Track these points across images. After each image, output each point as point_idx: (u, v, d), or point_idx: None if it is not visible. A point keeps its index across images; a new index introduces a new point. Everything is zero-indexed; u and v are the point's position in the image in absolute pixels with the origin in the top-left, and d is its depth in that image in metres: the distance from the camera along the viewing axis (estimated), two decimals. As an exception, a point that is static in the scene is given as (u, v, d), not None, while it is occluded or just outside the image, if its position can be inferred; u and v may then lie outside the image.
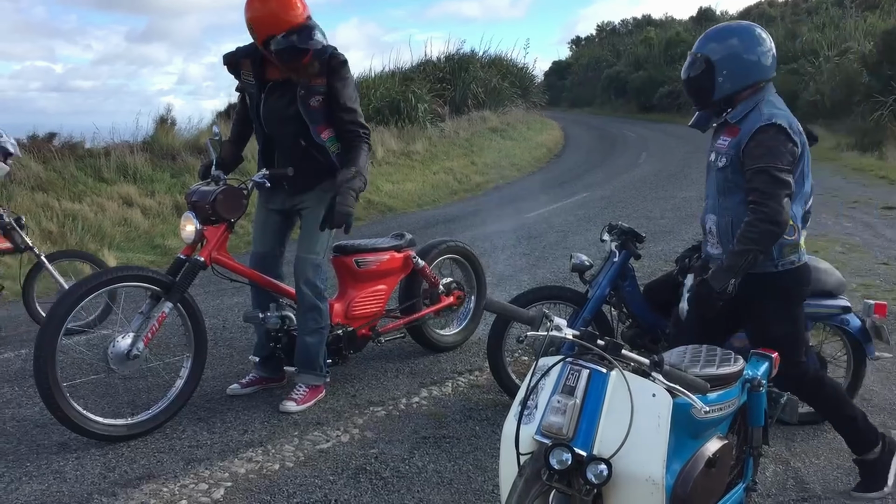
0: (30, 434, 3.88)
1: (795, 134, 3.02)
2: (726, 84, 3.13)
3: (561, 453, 2.02)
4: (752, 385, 2.67)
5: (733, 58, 3.13)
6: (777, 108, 3.09)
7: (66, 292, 3.65)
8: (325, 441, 3.82)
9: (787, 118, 3.05)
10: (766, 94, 3.16)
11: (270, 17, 3.81)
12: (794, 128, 3.04)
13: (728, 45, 3.15)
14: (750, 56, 3.13)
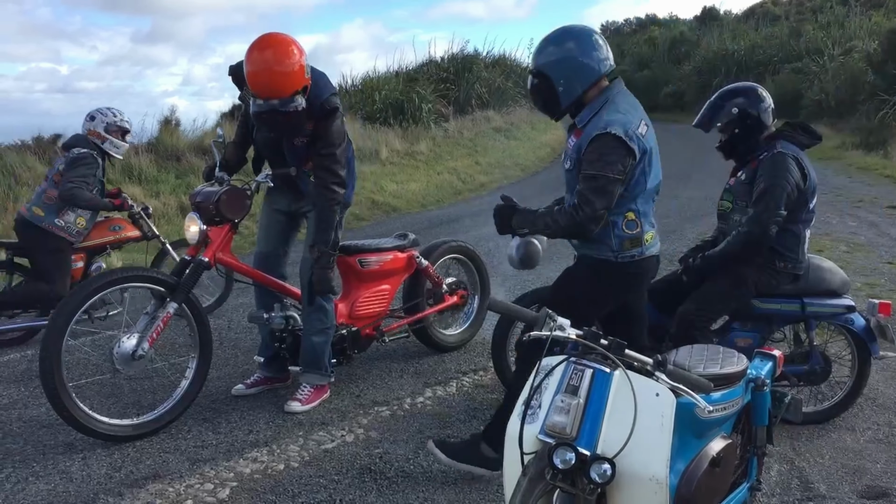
0: (36, 434, 3.90)
1: (632, 140, 3.04)
2: (567, 90, 3.17)
3: (565, 453, 2.03)
4: (756, 384, 2.67)
5: (569, 61, 3.15)
6: (618, 113, 3.10)
7: (72, 294, 3.66)
8: (330, 441, 3.83)
9: (625, 124, 3.05)
10: (611, 94, 3.18)
11: (265, 75, 3.70)
12: (631, 133, 3.05)
13: (564, 49, 3.18)
14: (585, 59, 3.15)
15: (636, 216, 3.17)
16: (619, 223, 3.16)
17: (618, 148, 3.02)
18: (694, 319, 3.77)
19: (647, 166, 3.14)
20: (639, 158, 3.08)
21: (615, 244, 3.18)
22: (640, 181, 3.14)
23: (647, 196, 3.21)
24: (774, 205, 3.68)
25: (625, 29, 51.45)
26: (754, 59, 29.81)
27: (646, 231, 3.22)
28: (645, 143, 3.10)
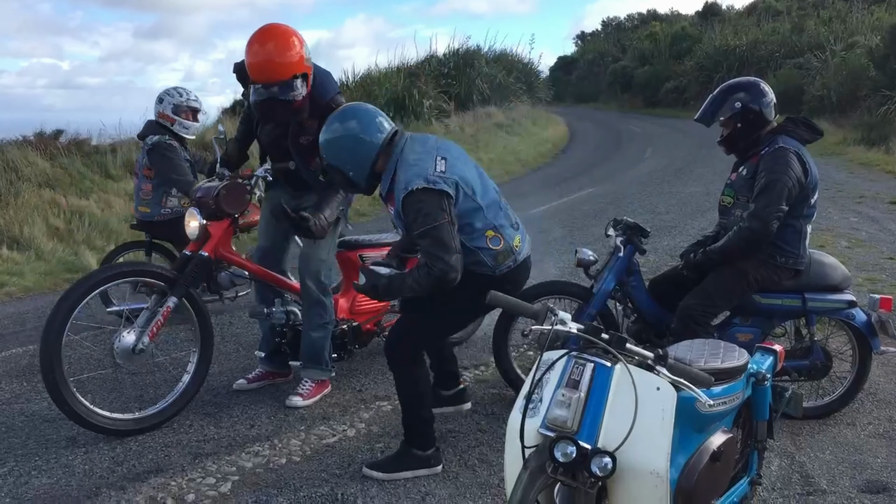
0: (38, 429, 3.91)
1: (437, 183, 3.11)
2: (358, 172, 3.28)
3: (565, 446, 2.03)
4: (756, 379, 2.68)
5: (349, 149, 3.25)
6: (411, 167, 3.17)
7: (71, 288, 3.66)
8: (332, 436, 3.84)
9: (421, 174, 3.13)
10: (397, 152, 3.26)
11: (265, 64, 3.70)
12: (431, 177, 3.12)
13: (342, 139, 3.25)
14: (363, 135, 3.23)
15: (495, 231, 3.29)
16: (484, 243, 3.27)
17: (428, 198, 3.10)
18: (695, 314, 3.77)
19: (468, 192, 3.21)
20: (455, 192, 3.17)
21: (490, 262, 3.29)
22: (471, 205, 3.23)
23: (491, 209, 3.30)
24: (776, 200, 3.68)
25: (626, 24, 51.42)
26: (756, 54, 29.78)
27: (510, 238, 3.34)
28: (450, 177, 3.17)
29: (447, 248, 3.08)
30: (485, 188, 3.32)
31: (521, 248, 3.38)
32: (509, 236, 3.33)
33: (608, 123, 29.37)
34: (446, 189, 3.12)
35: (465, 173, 3.25)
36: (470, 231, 3.22)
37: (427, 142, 3.33)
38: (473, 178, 3.29)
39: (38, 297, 7.05)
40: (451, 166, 3.21)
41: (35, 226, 8.59)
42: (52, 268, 7.84)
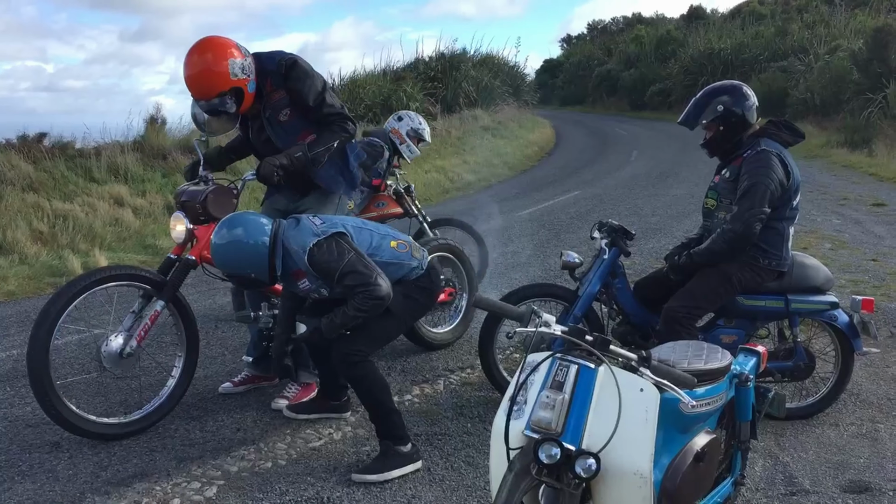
0: (22, 434, 3.88)
1: (326, 231, 3.43)
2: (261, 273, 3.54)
3: (550, 448, 2.04)
4: (739, 380, 2.69)
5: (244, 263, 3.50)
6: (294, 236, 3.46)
7: (58, 293, 3.64)
8: (318, 439, 3.84)
9: (307, 231, 3.43)
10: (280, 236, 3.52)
11: (201, 79, 3.77)
12: (317, 231, 3.43)
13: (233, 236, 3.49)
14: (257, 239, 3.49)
15: (393, 239, 3.63)
16: (396, 252, 3.59)
17: (327, 247, 3.36)
18: (679, 316, 3.80)
19: (353, 225, 3.57)
20: (346, 230, 3.47)
21: (413, 262, 3.63)
22: (364, 233, 3.55)
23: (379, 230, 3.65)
24: (758, 202, 3.71)
25: (612, 27, 51.62)
26: (741, 57, 29.99)
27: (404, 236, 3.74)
28: (330, 221, 3.50)
29: (367, 273, 3.34)
30: (360, 222, 3.66)
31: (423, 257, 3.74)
32: (405, 237, 3.74)
33: (594, 126, 29.48)
34: (336, 230, 3.42)
35: (337, 217, 3.63)
36: (380, 250, 3.53)
37: (296, 218, 3.54)
38: (346, 218, 3.67)
39: (21, 301, 7.00)
40: (325, 217, 3.54)
41: (18, 230, 8.53)
42: (36, 272, 7.79)
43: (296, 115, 3.98)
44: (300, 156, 3.87)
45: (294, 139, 3.97)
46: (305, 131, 3.99)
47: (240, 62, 3.79)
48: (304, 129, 3.99)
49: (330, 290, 3.47)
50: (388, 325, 3.59)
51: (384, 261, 3.50)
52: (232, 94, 3.80)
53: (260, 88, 3.91)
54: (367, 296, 3.31)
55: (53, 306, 3.54)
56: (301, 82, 3.90)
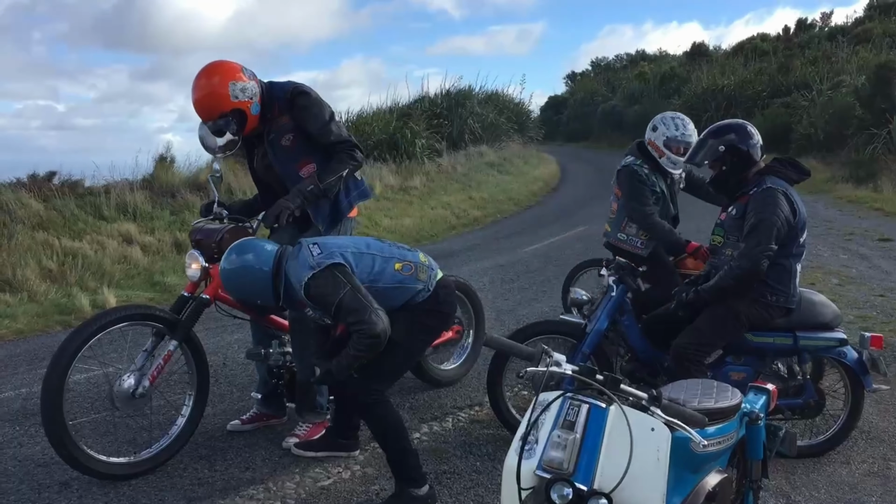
0: (31, 473, 3.88)
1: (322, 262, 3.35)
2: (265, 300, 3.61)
3: (562, 488, 2.04)
4: (750, 418, 2.69)
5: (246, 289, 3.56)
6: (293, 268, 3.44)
7: (73, 333, 3.65)
8: (327, 478, 3.83)
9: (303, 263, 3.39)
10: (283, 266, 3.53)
11: (203, 100, 3.92)
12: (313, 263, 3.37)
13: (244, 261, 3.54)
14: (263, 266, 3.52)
15: (398, 260, 3.54)
16: (400, 276, 3.51)
17: (322, 280, 3.32)
18: (688, 353, 3.80)
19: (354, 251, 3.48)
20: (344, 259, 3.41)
21: (418, 285, 3.55)
22: (366, 258, 3.49)
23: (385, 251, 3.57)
24: (765, 239, 3.73)
25: (615, 64, 52.06)
26: (744, 93, 30.15)
27: (413, 256, 3.61)
28: (329, 251, 3.41)
29: (360, 309, 3.28)
30: (364, 244, 3.57)
31: (428, 263, 3.66)
32: (412, 256, 3.61)
33: (599, 162, 29.55)
34: (333, 261, 3.36)
35: (339, 242, 3.53)
36: (382, 275, 3.47)
37: (299, 244, 3.52)
38: (348, 242, 3.57)
39: (30, 339, 7.01)
40: (324, 245, 3.45)
41: (28, 267, 8.57)
42: (45, 309, 7.81)
43: (298, 142, 4.04)
44: (312, 189, 3.92)
45: (294, 167, 4.04)
46: (305, 159, 4.05)
47: (241, 85, 3.91)
48: (304, 156, 4.05)
49: (332, 320, 3.48)
50: (397, 357, 3.54)
51: (387, 286, 3.46)
52: (234, 115, 3.91)
53: (266, 113, 4.01)
54: (362, 335, 3.27)
55: (69, 346, 3.56)
56: (306, 110, 3.99)
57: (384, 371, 3.52)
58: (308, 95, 4.02)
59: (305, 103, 4.00)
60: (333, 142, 4.01)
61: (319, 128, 3.99)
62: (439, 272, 3.70)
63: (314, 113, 3.99)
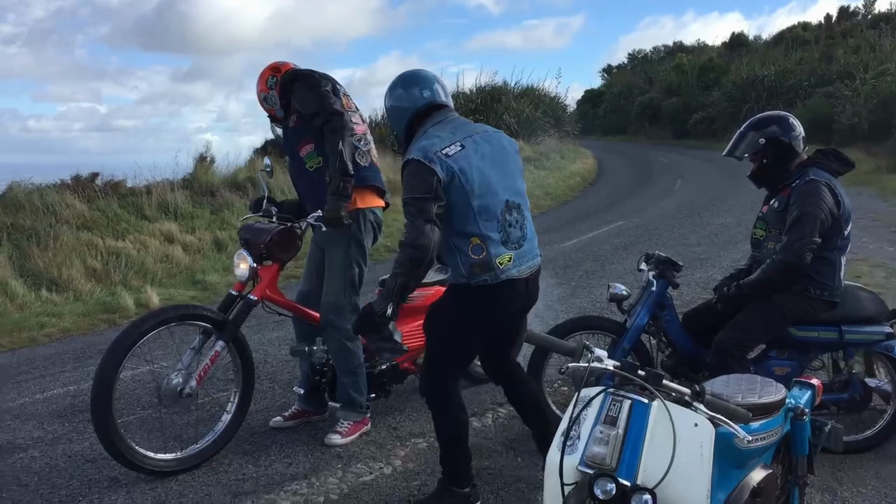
0: (81, 469, 3.97)
1: (433, 161, 3.13)
2: (397, 131, 3.50)
3: (605, 483, 2.04)
4: (795, 414, 2.66)
5: (391, 110, 3.47)
6: (425, 140, 3.24)
7: (125, 331, 3.72)
8: (368, 473, 3.86)
9: (425, 148, 3.18)
10: (429, 125, 3.34)
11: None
12: (432, 154, 3.15)
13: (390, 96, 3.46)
14: (396, 102, 3.42)
15: (480, 240, 3.18)
16: (465, 248, 3.19)
17: (417, 171, 3.14)
18: (731, 348, 3.76)
19: (464, 186, 3.16)
20: (447, 178, 3.14)
21: (465, 270, 3.21)
22: (462, 202, 3.17)
23: (486, 218, 3.20)
24: (808, 232, 3.68)
25: (652, 57, 51.55)
26: (785, 84, 29.71)
27: (496, 255, 3.19)
28: (452, 163, 3.15)
29: (418, 215, 3.09)
30: (489, 193, 3.21)
31: (506, 267, 3.21)
32: (495, 251, 3.19)
33: (636, 155, 29.36)
34: (436, 170, 3.12)
35: (473, 167, 3.19)
36: (454, 228, 3.20)
37: (463, 128, 3.31)
38: (481, 178, 3.20)
39: (76, 338, 7.18)
40: (462, 156, 3.18)
41: (73, 267, 8.77)
42: (90, 308, 7.99)
43: (301, 122, 4.15)
44: (334, 182, 3.92)
45: (295, 147, 4.19)
46: (305, 139, 4.14)
47: (262, 95, 4.24)
48: (304, 136, 4.14)
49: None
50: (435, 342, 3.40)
51: (455, 230, 3.20)
52: (271, 118, 4.33)
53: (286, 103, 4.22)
54: (405, 242, 3.11)
55: (121, 344, 3.62)
56: (296, 93, 4.13)
57: (433, 360, 3.42)
58: (298, 80, 4.13)
59: (296, 87, 4.13)
60: (320, 112, 4.00)
61: (312, 107, 4.04)
62: (500, 278, 3.23)
63: (302, 96, 4.09)
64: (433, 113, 3.36)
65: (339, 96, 4.10)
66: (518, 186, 3.37)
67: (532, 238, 3.37)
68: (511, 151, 3.43)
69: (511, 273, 3.22)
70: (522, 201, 3.36)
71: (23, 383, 5.61)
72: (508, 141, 3.47)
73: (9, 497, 3.68)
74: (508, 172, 3.33)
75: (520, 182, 3.40)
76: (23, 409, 5.00)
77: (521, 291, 3.31)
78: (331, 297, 4.13)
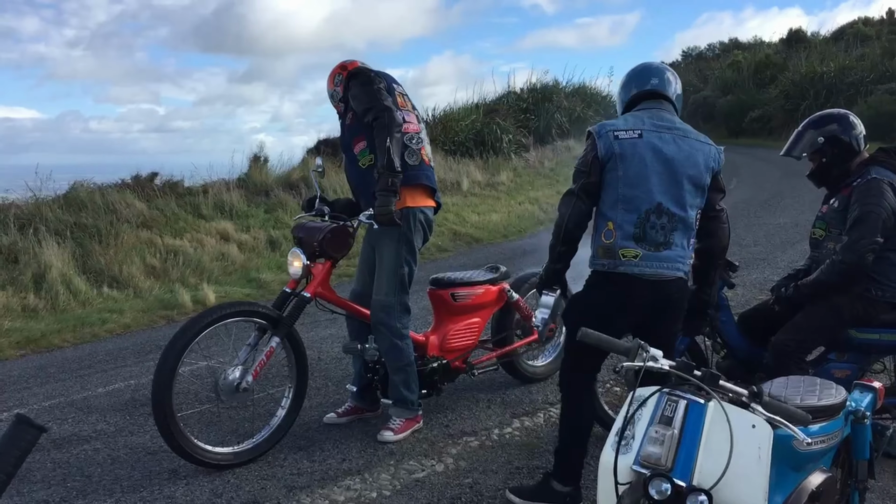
0: (142, 461, 4.08)
1: (601, 137, 3.20)
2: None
3: (660, 483, 2.03)
4: (856, 417, 2.62)
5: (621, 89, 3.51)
6: (611, 120, 3.33)
7: (184, 327, 3.81)
8: (421, 470, 3.89)
9: (606, 125, 3.26)
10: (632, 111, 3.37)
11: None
12: (605, 132, 3.21)
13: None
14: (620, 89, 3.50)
15: (613, 226, 3.20)
16: (601, 230, 3.25)
17: (586, 144, 3.27)
18: (789, 350, 3.70)
19: (617, 170, 3.17)
20: (605, 158, 3.18)
21: (593, 250, 3.29)
22: (612, 186, 3.19)
23: (627, 209, 3.17)
24: (870, 232, 3.60)
25: (707, 54, 50.72)
26: (845, 80, 28.96)
27: (621, 246, 3.17)
28: (617, 146, 3.16)
29: (572, 183, 3.27)
30: (640, 188, 3.15)
31: (628, 261, 3.17)
32: (623, 242, 3.17)
33: (690, 154, 28.90)
34: (598, 147, 3.19)
35: (636, 157, 3.16)
36: (600, 209, 3.26)
37: (660, 122, 3.26)
38: (640, 171, 3.16)
39: (136, 333, 7.36)
40: (633, 143, 3.17)
41: (133, 265, 9.00)
42: (149, 305, 8.18)
43: (355, 120, 4.20)
44: (383, 179, 3.94)
45: (350, 142, 4.25)
46: (358, 136, 4.19)
47: (330, 92, 4.37)
48: (358, 133, 4.19)
49: None
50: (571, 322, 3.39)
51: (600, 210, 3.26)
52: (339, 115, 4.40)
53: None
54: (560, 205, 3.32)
55: (180, 340, 3.70)
56: (353, 96, 4.17)
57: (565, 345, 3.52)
58: (355, 80, 4.18)
59: (351, 84, 4.20)
60: (370, 118, 4.04)
61: (364, 105, 4.09)
62: (617, 270, 3.21)
63: (355, 94, 4.15)
64: (645, 100, 3.36)
65: (394, 94, 4.13)
66: (684, 199, 3.19)
67: (679, 251, 3.22)
68: (701, 166, 3.23)
69: (631, 269, 3.18)
70: (682, 213, 3.19)
71: (86, 377, 5.78)
72: (708, 156, 3.27)
73: (73, 487, 3.80)
74: (679, 182, 3.18)
75: (691, 197, 3.21)
76: (86, 402, 5.15)
77: (640, 291, 3.22)
78: (381, 296, 4.17)
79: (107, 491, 3.75)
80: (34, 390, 5.52)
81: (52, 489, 3.78)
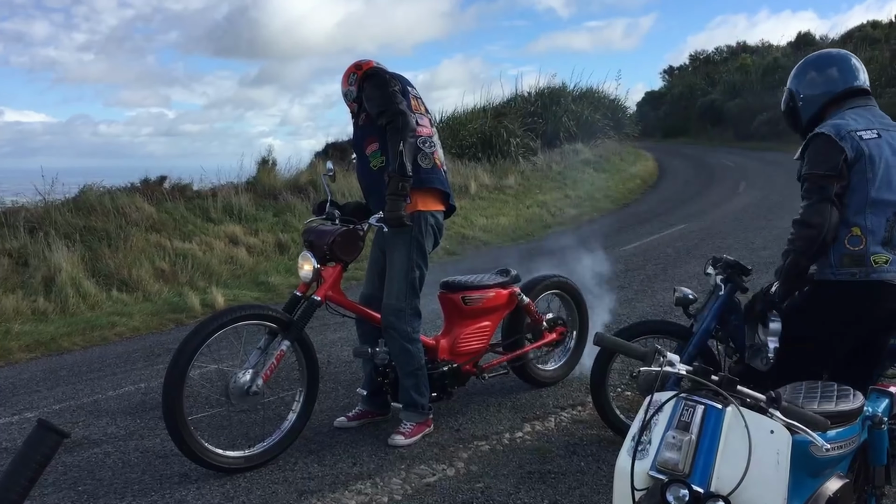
0: (153, 465, 4.08)
1: (844, 139, 3.04)
2: (806, 108, 3.36)
3: (678, 489, 2.01)
4: (873, 422, 2.59)
5: (810, 85, 3.35)
6: (839, 120, 3.14)
7: (194, 331, 3.80)
8: (432, 475, 3.88)
9: (837, 126, 3.09)
10: (845, 107, 3.22)
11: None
12: (844, 133, 3.05)
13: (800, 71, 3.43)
14: (807, 88, 3.35)
15: (861, 231, 3.03)
16: (843, 238, 3.05)
17: (824, 146, 3.05)
18: None
19: (868, 172, 3.03)
20: (853, 160, 3.02)
21: (834, 260, 3.08)
22: (860, 188, 3.04)
23: (877, 210, 3.05)
24: None
25: (715, 57, 50.65)
26: (853, 84, 28.85)
27: (872, 251, 3.03)
28: (864, 146, 3.04)
29: (817, 192, 3.02)
30: (888, 189, 3.05)
31: (880, 267, 3.03)
32: (873, 248, 3.03)
33: (698, 158, 28.89)
34: (846, 148, 3.02)
35: (882, 158, 3.05)
36: (844, 215, 3.06)
37: (881, 119, 3.19)
38: (886, 171, 3.05)
39: (145, 336, 7.38)
40: (876, 143, 3.07)
41: (142, 268, 9.01)
42: (158, 308, 8.20)
43: (368, 121, 4.20)
44: (393, 182, 3.94)
45: (362, 143, 4.24)
46: (371, 138, 4.18)
47: (344, 91, 4.34)
48: (371, 135, 4.19)
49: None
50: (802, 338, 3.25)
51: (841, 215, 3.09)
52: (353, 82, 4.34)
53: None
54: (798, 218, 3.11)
55: (190, 343, 3.70)
56: (367, 93, 4.16)
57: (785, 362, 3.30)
58: (370, 81, 4.17)
59: (365, 85, 4.19)
60: (385, 112, 4.04)
61: (378, 108, 4.09)
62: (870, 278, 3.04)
63: (370, 95, 4.15)
64: (851, 99, 3.24)
65: (408, 97, 4.13)
66: None
67: None
68: None
69: (883, 275, 3.04)
70: None
71: (95, 380, 5.79)
72: None
73: (84, 490, 3.80)
74: None
75: None
76: (96, 405, 5.15)
77: (889, 298, 3.08)
78: (391, 300, 4.16)
79: (118, 494, 3.74)
80: (44, 393, 5.52)
81: (63, 493, 3.78)
